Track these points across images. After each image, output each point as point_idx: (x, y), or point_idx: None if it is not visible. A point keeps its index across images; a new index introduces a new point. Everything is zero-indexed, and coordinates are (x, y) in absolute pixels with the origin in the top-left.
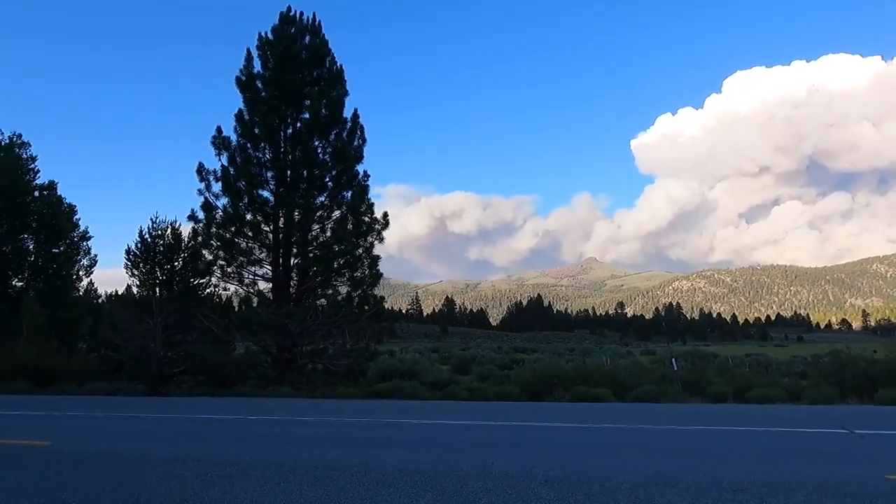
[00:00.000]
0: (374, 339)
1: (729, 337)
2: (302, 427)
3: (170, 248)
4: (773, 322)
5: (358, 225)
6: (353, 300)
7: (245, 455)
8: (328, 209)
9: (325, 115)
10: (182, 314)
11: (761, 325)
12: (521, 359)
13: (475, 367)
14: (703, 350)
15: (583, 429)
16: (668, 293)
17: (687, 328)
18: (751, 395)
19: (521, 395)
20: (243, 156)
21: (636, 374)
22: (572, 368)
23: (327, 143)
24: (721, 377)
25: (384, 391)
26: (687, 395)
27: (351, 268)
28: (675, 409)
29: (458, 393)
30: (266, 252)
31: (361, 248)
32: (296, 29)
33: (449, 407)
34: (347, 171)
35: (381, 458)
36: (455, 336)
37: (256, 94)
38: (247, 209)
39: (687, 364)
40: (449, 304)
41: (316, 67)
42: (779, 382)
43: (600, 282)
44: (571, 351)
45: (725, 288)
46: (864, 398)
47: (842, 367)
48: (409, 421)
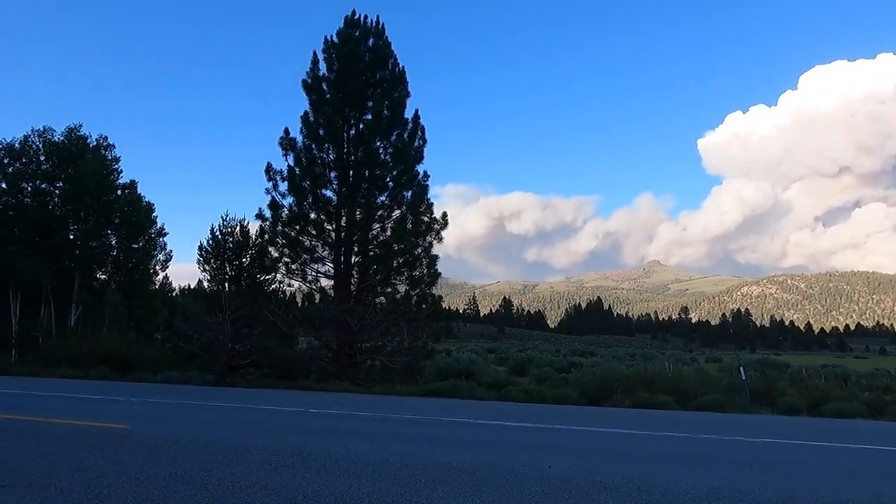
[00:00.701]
0: (432, 337)
1: (803, 346)
2: (361, 422)
3: (238, 245)
4: (853, 332)
5: (417, 224)
6: (411, 299)
7: (307, 446)
8: (388, 209)
9: (386, 116)
10: (249, 308)
11: (839, 335)
12: (580, 362)
13: (532, 369)
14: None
15: (643, 436)
16: (735, 298)
17: (756, 336)
18: (827, 408)
19: (579, 398)
20: (308, 156)
21: (701, 381)
22: (633, 373)
23: (389, 143)
24: (794, 388)
25: (441, 390)
26: (756, 406)
27: (410, 267)
28: (742, 419)
29: (514, 394)
30: (328, 250)
31: (420, 247)
32: (360, 32)
33: (505, 408)
34: (408, 171)
35: (438, 456)
36: (512, 337)
37: (321, 97)
38: (311, 208)
39: (756, 373)
40: (506, 304)
41: (379, 69)
42: (858, 396)
43: (663, 285)
44: (632, 356)
45: (799, 294)
46: None
47: None
48: (465, 420)
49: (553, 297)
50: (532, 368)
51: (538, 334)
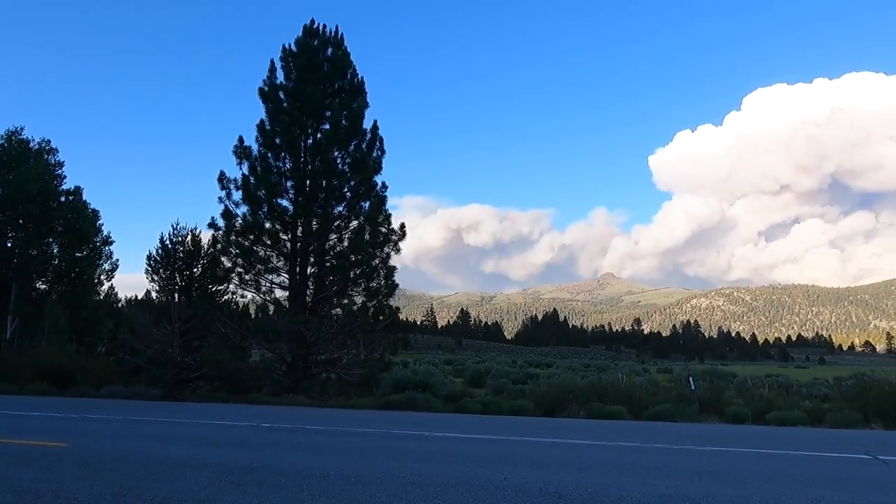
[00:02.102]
0: (389, 349)
1: (748, 357)
2: (315, 436)
3: (189, 254)
4: (794, 343)
5: (375, 235)
6: (368, 310)
7: (259, 461)
8: (346, 219)
9: (345, 126)
10: (200, 320)
11: (782, 346)
12: (536, 373)
13: (489, 381)
14: (722, 369)
15: (597, 446)
16: (685, 310)
17: (705, 346)
18: (770, 416)
19: (535, 409)
20: (264, 165)
21: (652, 392)
22: (587, 384)
23: (347, 153)
24: (740, 398)
25: (397, 402)
26: (704, 415)
27: (367, 278)
28: (691, 428)
29: (471, 406)
30: (283, 260)
31: (378, 258)
32: (319, 41)
33: (462, 420)
34: (366, 181)
35: (394, 469)
36: (469, 349)
37: (278, 105)
38: (266, 218)
39: (705, 383)
40: (464, 316)
41: (337, 79)
42: (800, 405)
43: (617, 297)
44: (587, 367)
45: (745, 306)
46: (888, 424)
47: (866, 391)
48: (421, 433)
49: (510, 309)
50: (489, 380)
51: (495, 346)
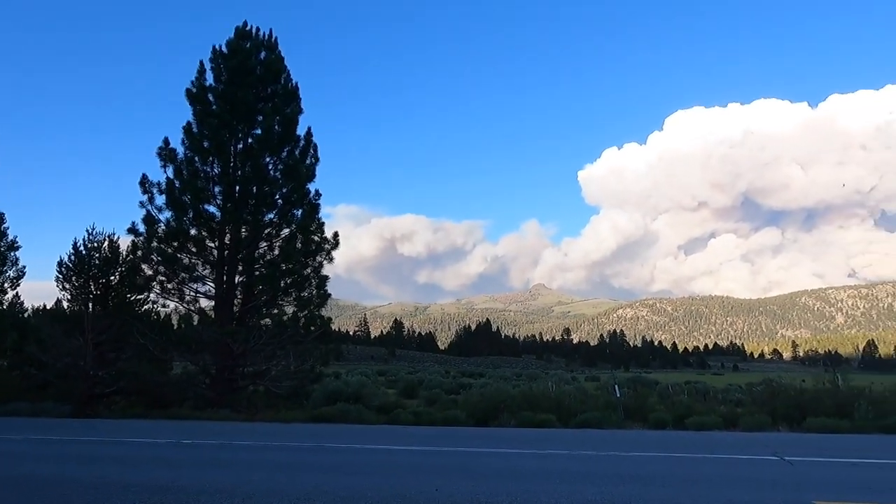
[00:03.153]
0: (320, 360)
1: (670, 365)
2: (240, 451)
3: (106, 261)
4: (711, 351)
5: (307, 244)
6: (299, 320)
7: (178, 481)
8: (277, 227)
9: (278, 131)
10: (117, 331)
11: (700, 354)
12: (469, 383)
13: (422, 391)
14: (645, 377)
15: (528, 454)
16: (612, 320)
17: (630, 355)
18: (690, 421)
19: (467, 419)
20: (190, 169)
21: (581, 400)
22: (518, 393)
23: (279, 160)
24: (662, 404)
25: (328, 415)
26: (629, 421)
27: (298, 287)
28: (617, 435)
29: (404, 417)
30: (210, 269)
31: (310, 267)
32: (251, 44)
33: (395, 432)
34: (299, 189)
35: (323, 484)
36: (403, 359)
37: (207, 108)
38: (191, 224)
39: (630, 391)
40: (397, 326)
41: (271, 83)
42: (716, 410)
43: (548, 308)
44: (518, 376)
45: (666, 317)
46: (793, 426)
47: (774, 396)
48: (353, 446)
49: (444, 319)
50: (422, 390)
51: (429, 356)
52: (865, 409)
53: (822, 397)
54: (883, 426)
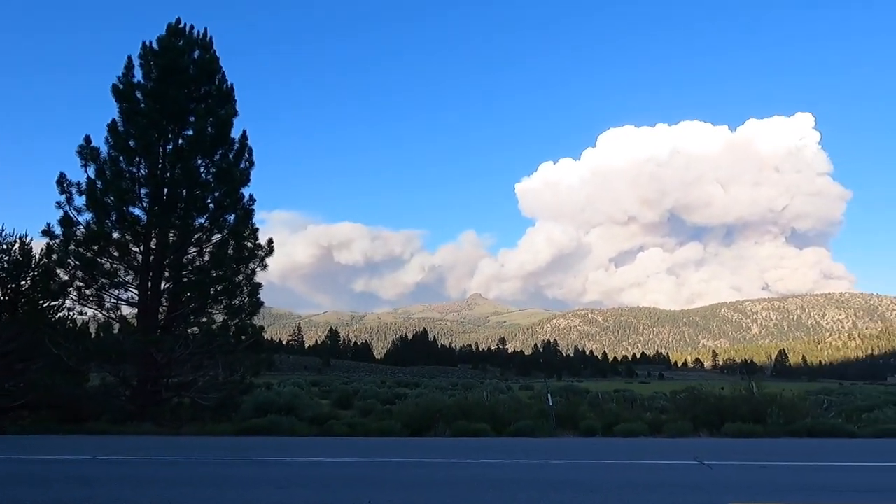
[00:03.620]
0: (251, 371)
1: (600, 373)
2: (163, 467)
3: (17, 264)
4: (639, 360)
5: (240, 250)
6: (229, 329)
7: (94, 499)
8: (208, 232)
9: (211, 133)
10: (27, 340)
11: (628, 363)
12: (405, 393)
13: (357, 402)
14: (577, 386)
15: (461, 464)
16: (546, 330)
17: (563, 364)
18: (618, 429)
19: (402, 430)
20: (114, 169)
21: (515, 409)
22: (454, 403)
23: (212, 162)
24: (592, 412)
25: (258, 427)
26: (561, 429)
27: (229, 295)
28: (549, 443)
29: (337, 428)
30: (133, 274)
31: (242, 274)
32: (184, 42)
33: (328, 443)
34: (232, 193)
35: (252, 499)
36: (338, 369)
37: (135, 106)
38: (114, 227)
39: (562, 399)
40: (332, 335)
41: (204, 84)
42: (642, 417)
43: (484, 318)
44: (454, 386)
45: (598, 327)
46: (713, 431)
47: (695, 403)
48: (284, 459)
49: (380, 328)
50: (357, 401)
51: (364, 366)
52: (776, 415)
53: (738, 404)
54: (791, 430)
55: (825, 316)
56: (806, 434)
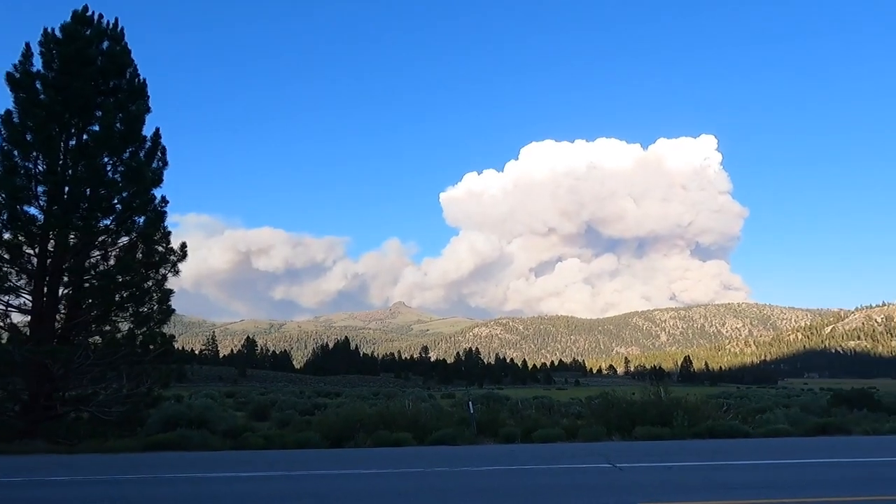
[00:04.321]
0: (159, 382)
1: (520, 381)
2: (56, 487)
3: None
4: (557, 367)
5: (150, 254)
6: (136, 338)
7: None
8: (114, 234)
9: (120, 129)
10: None
11: (547, 370)
12: (325, 403)
13: (274, 413)
14: (498, 393)
15: (383, 474)
16: (468, 338)
17: (484, 372)
18: (536, 435)
19: (322, 441)
20: (7, 164)
21: (436, 417)
22: (375, 413)
23: (120, 161)
24: (512, 419)
25: (166, 442)
26: (482, 436)
27: (137, 302)
28: (469, 450)
29: (253, 441)
30: (27, 279)
31: (152, 280)
32: (92, 31)
33: (243, 457)
34: (142, 193)
35: None
36: (255, 379)
37: (33, 96)
38: (5, 227)
39: (483, 407)
40: (250, 344)
41: (114, 77)
42: (559, 423)
43: (407, 326)
44: (376, 395)
45: (518, 335)
46: (625, 435)
47: (609, 408)
48: (194, 475)
49: (301, 337)
50: (274, 412)
51: (283, 375)
52: (682, 418)
53: (647, 408)
54: (695, 432)
55: (725, 324)
56: (708, 435)
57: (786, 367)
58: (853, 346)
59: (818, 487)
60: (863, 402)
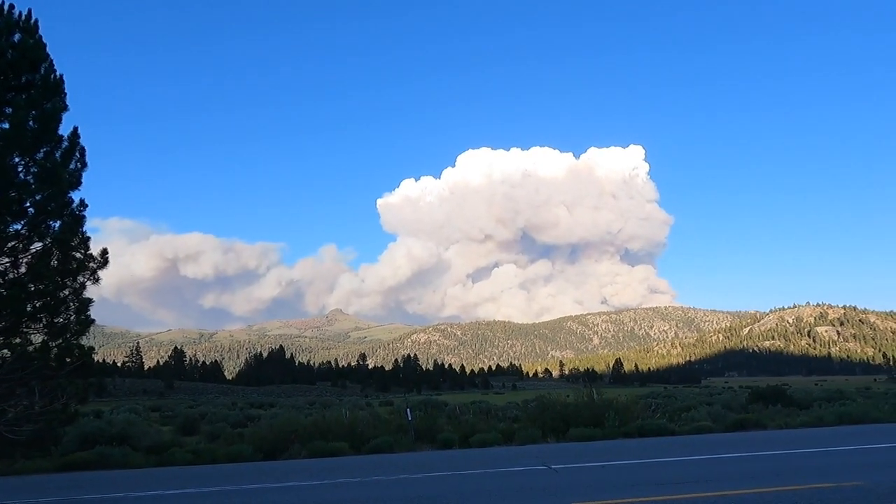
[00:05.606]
0: (76, 398)
1: (458, 386)
2: None
3: None
4: (494, 372)
5: (66, 261)
6: (50, 351)
7: None
8: (26, 240)
9: (33, 128)
10: None
11: (484, 375)
12: (258, 414)
13: (204, 426)
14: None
15: (318, 486)
16: (406, 345)
17: (423, 378)
18: (474, 439)
19: (254, 454)
20: None
21: (374, 425)
22: (310, 422)
23: (33, 161)
24: (450, 424)
25: (84, 461)
26: (420, 443)
27: (51, 312)
28: (407, 458)
29: (180, 457)
30: None
31: (69, 288)
32: (2, 22)
33: (168, 474)
34: (58, 196)
35: None
36: (183, 392)
37: None
38: None
39: (421, 413)
40: (177, 355)
41: (26, 72)
42: (496, 427)
43: (344, 333)
44: (312, 404)
45: (456, 340)
46: (559, 436)
47: (544, 411)
48: (115, 495)
49: (233, 346)
50: (204, 425)
51: (214, 387)
52: (613, 418)
53: (581, 410)
54: (626, 431)
55: (653, 327)
56: (637, 434)
57: (708, 367)
58: (768, 346)
59: (738, 480)
60: (777, 398)
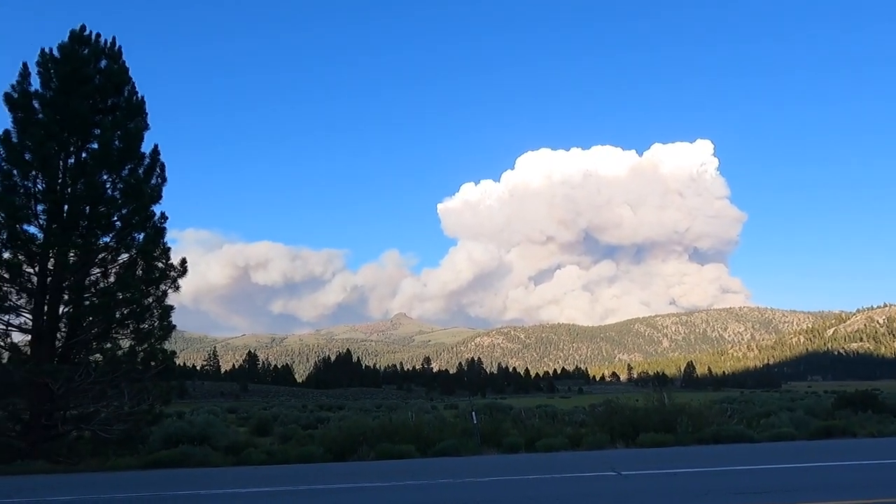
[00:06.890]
0: (161, 399)
1: (523, 390)
2: None
3: None
4: (559, 375)
5: (150, 271)
6: (136, 355)
7: None
8: (114, 252)
9: (118, 147)
10: None
11: (549, 379)
12: (327, 417)
13: (277, 428)
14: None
15: (386, 488)
16: (470, 348)
17: (487, 382)
18: (540, 444)
19: (325, 455)
20: (6, 184)
21: (439, 428)
22: (378, 425)
23: (119, 178)
24: (515, 428)
25: (168, 459)
26: (485, 447)
27: (137, 318)
28: (473, 461)
29: (255, 457)
30: (27, 298)
31: (152, 296)
32: (90, 50)
33: (244, 474)
34: (141, 210)
35: None
36: (256, 394)
37: (31, 116)
38: (5, 246)
39: (486, 417)
40: (251, 359)
41: (112, 95)
42: (563, 431)
43: (409, 337)
44: (378, 407)
45: (520, 344)
46: (628, 442)
47: (612, 415)
48: (197, 492)
49: (302, 350)
50: (276, 427)
51: (285, 390)
52: (686, 424)
53: (651, 415)
54: (699, 438)
55: (727, 329)
56: (712, 440)
57: (789, 371)
58: (856, 348)
59: (822, 491)
60: (867, 404)
